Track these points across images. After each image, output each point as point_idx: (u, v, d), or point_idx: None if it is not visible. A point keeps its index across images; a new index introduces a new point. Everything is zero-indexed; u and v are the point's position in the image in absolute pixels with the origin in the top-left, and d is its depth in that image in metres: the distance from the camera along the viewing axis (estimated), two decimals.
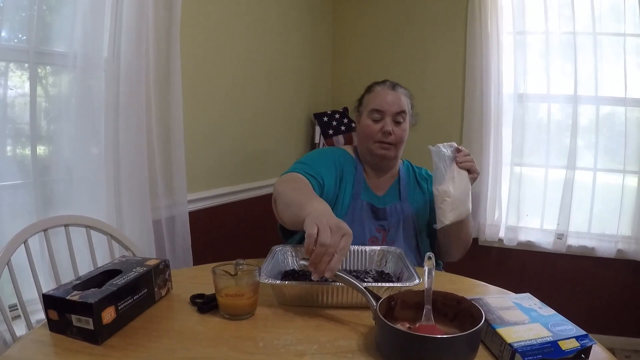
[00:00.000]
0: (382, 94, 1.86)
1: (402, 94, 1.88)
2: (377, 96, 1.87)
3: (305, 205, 1.40)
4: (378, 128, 1.84)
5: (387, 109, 1.83)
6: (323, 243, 1.17)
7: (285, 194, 1.59)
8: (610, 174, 3.39)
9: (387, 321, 1.01)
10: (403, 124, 1.87)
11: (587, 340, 1.03)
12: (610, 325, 3.41)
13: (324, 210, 1.35)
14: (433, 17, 3.71)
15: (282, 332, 1.16)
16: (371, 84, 1.95)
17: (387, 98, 1.85)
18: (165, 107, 2.19)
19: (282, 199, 1.59)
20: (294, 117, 3.61)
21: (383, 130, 1.83)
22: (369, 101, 1.89)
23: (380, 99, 1.85)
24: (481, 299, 1.20)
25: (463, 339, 0.97)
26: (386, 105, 1.83)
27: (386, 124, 1.82)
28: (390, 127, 1.82)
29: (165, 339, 1.11)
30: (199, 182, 2.56)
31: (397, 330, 1.00)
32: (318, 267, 1.18)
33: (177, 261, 2.26)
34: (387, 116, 1.83)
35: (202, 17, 2.49)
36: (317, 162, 1.85)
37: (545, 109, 3.46)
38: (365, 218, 1.85)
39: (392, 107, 1.84)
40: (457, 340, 0.97)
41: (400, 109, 1.85)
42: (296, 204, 1.47)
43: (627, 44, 3.21)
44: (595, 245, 3.36)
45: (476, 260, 3.64)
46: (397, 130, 1.84)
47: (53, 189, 1.88)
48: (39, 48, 1.77)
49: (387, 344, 1.02)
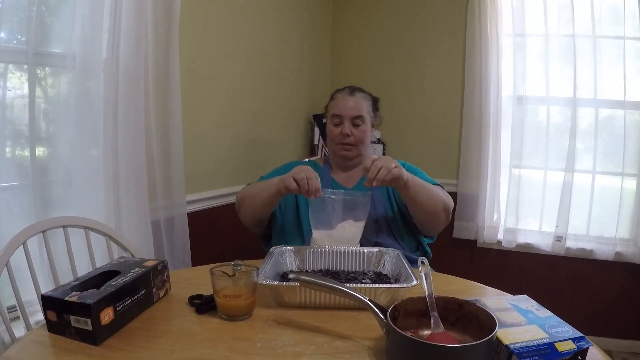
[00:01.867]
0: (342, 100, 2.04)
1: (360, 99, 2.04)
2: (337, 102, 2.05)
3: (270, 182, 1.82)
4: (338, 131, 2.02)
5: (345, 113, 2.01)
6: (301, 178, 1.66)
7: (249, 192, 1.97)
8: (609, 177, 3.39)
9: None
10: (362, 126, 2.02)
11: (584, 342, 1.03)
12: (608, 328, 3.41)
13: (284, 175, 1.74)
14: (432, 20, 3.72)
15: (279, 333, 1.16)
16: (334, 92, 2.12)
17: (345, 104, 2.02)
18: (164, 109, 2.20)
19: (248, 196, 1.95)
20: (293, 118, 3.61)
21: (342, 133, 2.00)
22: (331, 107, 2.09)
23: (339, 105, 2.03)
24: (478, 300, 1.20)
25: (484, 345, 0.96)
26: (344, 110, 2.01)
27: (344, 127, 2.00)
28: (349, 129, 1.99)
29: (163, 339, 1.11)
30: (197, 183, 2.56)
31: (419, 342, 0.99)
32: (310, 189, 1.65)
33: (175, 262, 2.26)
34: (346, 120, 2.00)
35: (201, 18, 2.50)
36: (273, 173, 2.10)
37: (544, 112, 3.47)
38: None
39: (350, 112, 2.00)
40: (480, 347, 0.96)
41: (358, 113, 2.01)
42: (264, 188, 1.85)
43: (627, 47, 3.22)
44: (594, 248, 3.36)
45: (475, 262, 3.66)
46: (355, 132, 2.00)
47: (52, 190, 1.88)
48: (38, 49, 1.77)
49: (405, 357, 1.01)
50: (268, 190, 1.82)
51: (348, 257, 1.64)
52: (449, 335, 1.08)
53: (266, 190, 1.83)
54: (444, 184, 2.11)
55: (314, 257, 1.64)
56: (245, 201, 1.96)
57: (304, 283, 1.22)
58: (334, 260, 1.64)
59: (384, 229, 1.94)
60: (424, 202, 1.84)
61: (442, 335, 1.08)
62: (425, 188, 1.85)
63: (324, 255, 1.64)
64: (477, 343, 0.95)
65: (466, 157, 3.61)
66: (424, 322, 1.13)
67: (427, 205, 1.85)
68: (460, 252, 3.70)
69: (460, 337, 1.09)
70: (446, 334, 1.08)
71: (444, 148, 3.75)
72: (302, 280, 1.21)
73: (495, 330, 0.97)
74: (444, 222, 1.96)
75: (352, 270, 1.61)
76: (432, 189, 1.88)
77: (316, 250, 1.65)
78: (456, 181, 3.66)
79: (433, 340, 1.04)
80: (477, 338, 0.98)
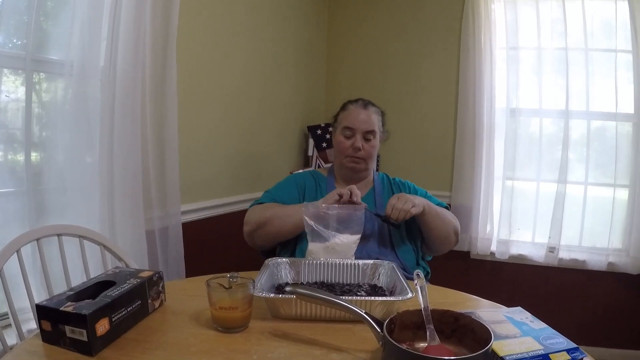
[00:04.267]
0: (355, 113, 2.03)
1: (373, 113, 2.04)
2: (349, 114, 2.04)
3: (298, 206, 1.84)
4: (349, 144, 2.00)
5: (358, 127, 2.00)
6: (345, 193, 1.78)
7: (276, 213, 1.90)
8: (601, 188, 3.41)
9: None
10: (372, 140, 2.02)
11: (578, 353, 1.04)
12: (602, 338, 3.42)
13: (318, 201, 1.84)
14: (427, 32, 3.74)
15: (275, 345, 1.16)
16: (345, 102, 2.11)
17: (358, 117, 2.01)
18: (161, 118, 2.20)
19: (276, 216, 1.89)
20: (288, 129, 3.62)
21: (354, 146, 1.99)
22: (342, 119, 2.06)
23: (352, 117, 2.02)
24: (473, 312, 1.21)
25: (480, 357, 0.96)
26: (357, 123, 2.00)
27: (356, 141, 1.99)
28: (360, 143, 1.99)
29: (159, 350, 1.11)
30: (192, 193, 2.55)
31: (415, 354, 0.99)
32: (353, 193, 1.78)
33: (169, 272, 2.25)
34: (358, 133, 1.99)
35: (198, 29, 2.50)
36: (279, 188, 2.09)
37: (537, 123, 3.49)
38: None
39: (363, 125, 2.00)
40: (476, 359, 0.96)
41: (370, 128, 2.01)
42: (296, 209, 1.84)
43: (618, 60, 3.26)
44: (587, 259, 3.38)
45: (468, 274, 3.66)
46: (366, 147, 2.00)
47: (46, 197, 1.87)
48: (36, 55, 1.77)
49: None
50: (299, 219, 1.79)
51: (343, 270, 1.63)
52: (445, 348, 1.08)
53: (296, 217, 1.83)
54: (438, 195, 2.14)
55: (309, 270, 1.64)
56: (273, 223, 1.89)
57: (300, 296, 1.22)
58: (329, 273, 1.64)
59: (387, 245, 1.95)
60: (439, 228, 1.91)
61: (438, 347, 1.08)
62: (439, 214, 1.92)
63: (319, 268, 1.64)
64: (473, 355, 0.95)
65: (460, 169, 3.63)
66: (419, 334, 1.13)
67: (441, 230, 1.93)
68: (454, 263, 3.70)
69: (456, 349, 1.09)
70: (442, 347, 1.08)
71: (437, 160, 3.76)
72: (299, 293, 1.21)
73: (490, 342, 0.98)
74: (454, 244, 2.04)
75: (347, 283, 1.61)
76: (445, 214, 1.95)
77: (311, 262, 1.64)
78: (450, 193, 3.67)
79: (429, 352, 1.04)
80: (473, 350, 0.98)
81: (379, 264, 1.63)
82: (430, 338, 1.09)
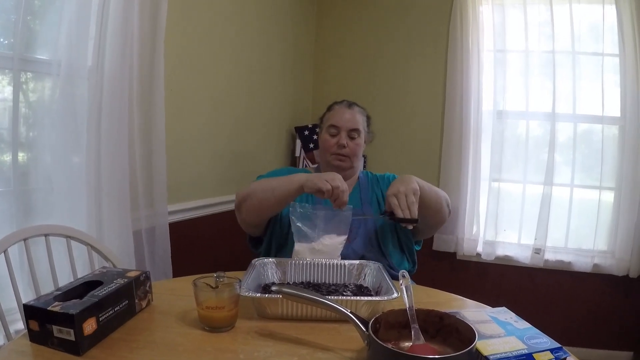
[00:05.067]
0: (340, 112, 2.07)
1: (357, 112, 2.09)
2: (335, 114, 2.08)
3: (292, 178, 1.77)
4: (334, 142, 2.03)
5: (343, 125, 2.03)
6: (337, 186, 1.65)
7: (262, 186, 1.85)
8: (587, 190, 3.46)
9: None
10: (357, 139, 2.05)
11: (562, 352, 1.05)
12: (587, 339, 3.46)
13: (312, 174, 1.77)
14: (414, 35, 3.77)
15: (262, 345, 1.16)
16: (331, 104, 2.15)
17: (343, 115, 2.05)
18: (148, 118, 2.19)
19: (260, 190, 1.84)
20: (276, 130, 3.62)
21: (338, 143, 2.02)
22: (328, 118, 2.10)
23: (337, 116, 2.06)
24: (458, 312, 1.22)
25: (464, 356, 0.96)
26: (342, 122, 2.04)
27: (341, 138, 2.02)
28: (345, 141, 2.02)
29: (146, 350, 1.11)
30: (179, 193, 2.55)
31: (400, 353, 0.99)
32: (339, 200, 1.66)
33: (156, 272, 2.25)
34: (343, 131, 2.03)
35: (186, 29, 2.50)
36: (273, 174, 2.06)
37: (524, 126, 3.52)
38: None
39: (347, 124, 2.03)
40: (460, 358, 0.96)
41: (355, 126, 2.04)
42: (282, 182, 1.79)
43: (605, 63, 3.30)
44: (572, 260, 3.42)
45: (454, 275, 3.68)
46: (351, 144, 2.03)
47: (34, 197, 1.87)
48: (24, 55, 1.76)
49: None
50: (288, 184, 1.76)
51: (329, 270, 1.64)
52: (430, 347, 1.09)
53: (285, 185, 1.77)
54: None
55: (295, 270, 1.64)
56: (257, 194, 1.84)
57: (287, 295, 1.22)
58: (316, 273, 1.64)
59: (373, 244, 1.95)
60: (434, 200, 1.92)
61: (422, 347, 1.08)
62: (431, 187, 1.93)
63: (305, 268, 1.64)
64: (457, 354, 0.96)
65: (446, 171, 3.65)
66: (404, 334, 1.13)
67: (436, 203, 1.94)
68: (440, 264, 3.72)
69: (440, 349, 1.10)
70: (427, 346, 1.09)
71: (424, 161, 3.78)
72: (285, 293, 1.22)
73: (474, 341, 0.98)
74: (446, 216, 2.04)
75: (333, 283, 1.62)
76: (434, 187, 1.97)
77: (298, 262, 1.65)
78: None
79: (414, 352, 1.05)
80: (457, 350, 0.99)
81: (365, 264, 1.63)
82: (415, 337, 1.10)
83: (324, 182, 1.66)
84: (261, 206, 1.84)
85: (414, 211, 1.72)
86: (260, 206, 1.84)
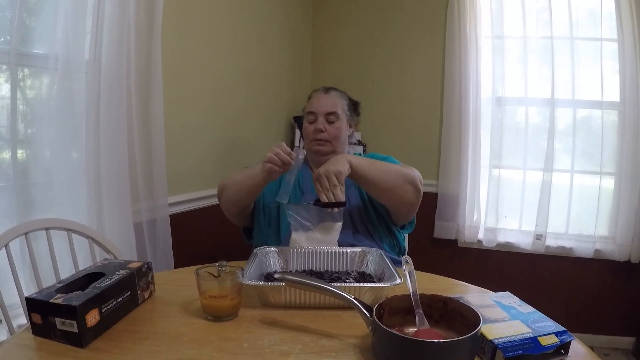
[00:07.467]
0: (316, 98, 2.10)
1: (335, 96, 2.10)
2: (312, 101, 2.11)
3: (254, 170, 1.82)
4: (313, 128, 2.06)
5: (319, 110, 2.05)
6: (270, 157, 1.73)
7: (234, 177, 1.94)
8: (587, 176, 3.45)
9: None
10: (336, 122, 2.05)
11: (566, 335, 1.05)
12: (589, 324, 3.47)
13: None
14: (412, 22, 3.75)
15: (265, 333, 1.17)
16: (311, 93, 2.17)
17: (319, 101, 2.08)
18: (146, 111, 2.18)
19: (232, 183, 1.93)
20: (275, 120, 3.61)
21: (316, 129, 2.04)
22: (307, 106, 2.13)
23: (314, 103, 2.09)
24: (462, 297, 1.22)
25: (468, 340, 0.96)
26: (318, 107, 2.06)
27: (318, 123, 2.04)
28: (322, 125, 2.03)
29: (149, 340, 1.11)
30: (179, 184, 2.55)
31: (405, 338, 0.99)
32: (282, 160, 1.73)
33: (158, 264, 2.25)
34: (320, 116, 2.05)
35: (183, 20, 2.49)
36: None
37: (523, 112, 3.51)
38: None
39: (323, 108, 2.05)
40: (465, 342, 0.96)
41: (331, 110, 2.05)
42: (247, 175, 1.86)
43: (604, 49, 3.28)
44: (573, 246, 3.42)
45: (455, 262, 3.69)
46: (329, 128, 2.04)
47: (33, 192, 1.86)
48: (20, 50, 1.75)
49: (391, 353, 1.00)
50: (252, 172, 1.83)
51: (331, 258, 1.64)
52: (434, 332, 1.09)
53: (250, 173, 1.84)
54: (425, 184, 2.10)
55: (297, 258, 1.65)
56: (230, 187, 1.94)
57: (290, 283, 1.22)
58: (318, 261, 1.65)
59: (361, 230, 1.95)
60: (380, 177, 1.79)
61: (427, 331, 1.09)
62: (375, 164, 1.82)
63: (307, 256, 1.65)
64: (462, 338, 0.96)
65: (446, 158, 3.65)
66: (408, 319, 1.14)
67: (384, 181, 1.80)
68: (441, 252, 3.73)
69: (445, 333, 1.10)
70: (431, 331, 1.09)
71: (424, 149, 3.78)
72: (288, 280, 1.22)
73: (479, 326, 0.99)
74: (412, 195, 1.86)
75: (335, 271, 1.62)
76: (386, 165, 1.88)
77: (299, 251, 1.65)
78: (436, 182, 3.70)
79: (418, 337, 1.05)
80: (462, 334, 0.98)
81: (367, 252, 1.64)
82: (420, 322, 1.10)
83: (266, 165, 1.73)
84: (236, 197, 1.92)
85: (338, 194, 1.63)
86: (235, 197, 1.92)
